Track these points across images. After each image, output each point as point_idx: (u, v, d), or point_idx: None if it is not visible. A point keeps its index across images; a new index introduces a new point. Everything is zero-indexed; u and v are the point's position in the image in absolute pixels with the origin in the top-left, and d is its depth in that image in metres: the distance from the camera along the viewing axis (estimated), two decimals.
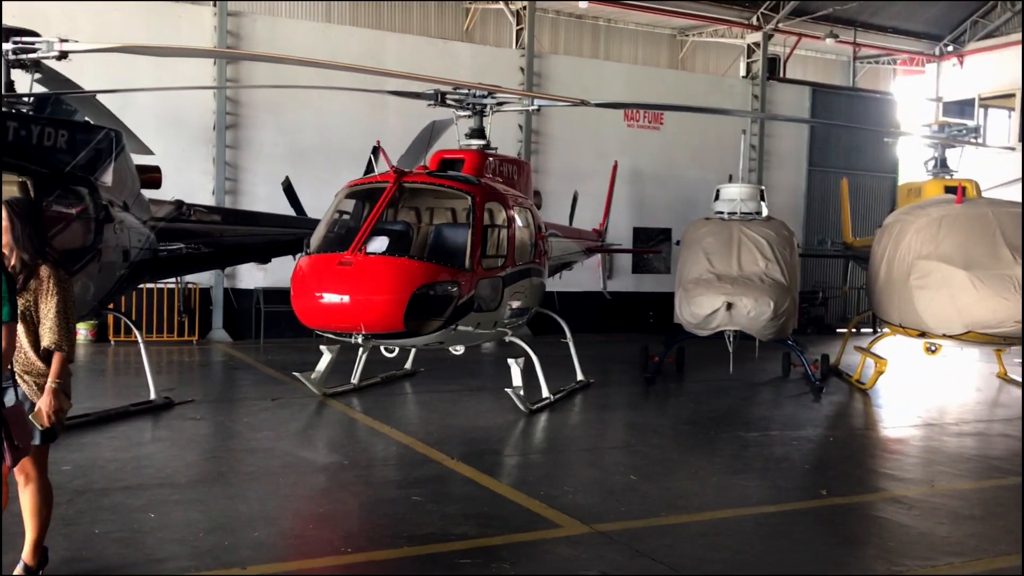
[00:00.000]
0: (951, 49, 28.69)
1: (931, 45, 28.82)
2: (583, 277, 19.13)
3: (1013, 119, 27.35)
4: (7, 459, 4.70)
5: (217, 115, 18.53)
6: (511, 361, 11.53)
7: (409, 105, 12.79)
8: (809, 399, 13.48)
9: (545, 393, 12.00)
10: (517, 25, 22.22)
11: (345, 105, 18.78)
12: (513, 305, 11.77)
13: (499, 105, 12.54)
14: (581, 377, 13.76)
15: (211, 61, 18.29)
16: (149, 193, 11.57)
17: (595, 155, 21.61)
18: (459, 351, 11.44)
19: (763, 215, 15.25)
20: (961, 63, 28.63)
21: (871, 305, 14.99)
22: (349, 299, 9.76)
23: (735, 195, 15.34)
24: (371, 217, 10.47)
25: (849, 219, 20.13)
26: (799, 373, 14.96)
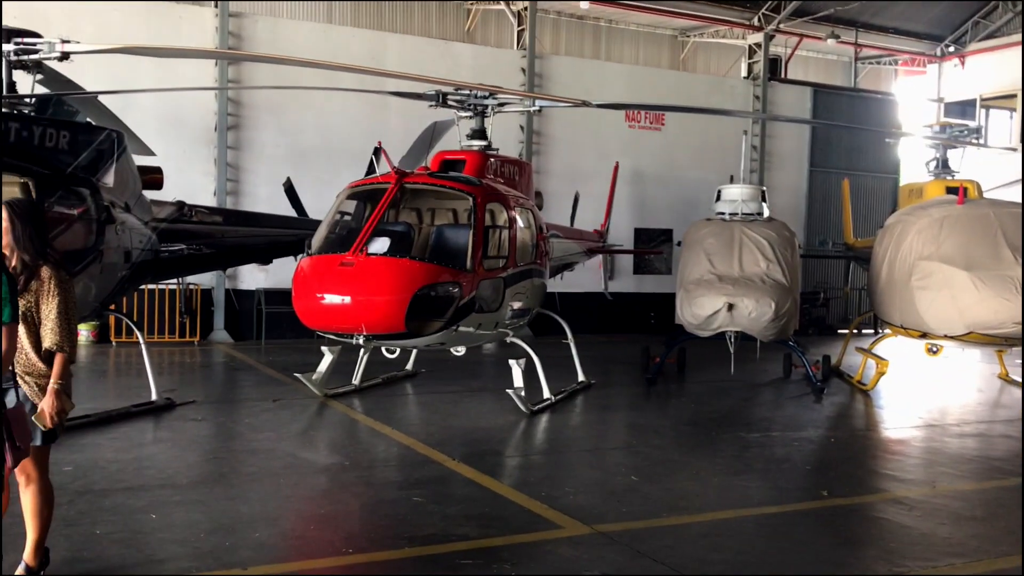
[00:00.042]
0: (952, 50, 28.68)
1: (932, 46, 28.81)
2: (584, 278, 19.12)
3: (1014, 120, 27.32)
4: (8, 460, 4.70)
5: (218, 116, 18.54)
6: (512, 362, 11.53)
7: (410, 106, 12.79)
8: (810, 400, 13.47)
9: (546, 394, 11.99)
10: (518, 26, 22.22)
11: (346, 106, 18.80)
12: (514, 306, 11.77)
13: (500, 106, 12.55)
14: (582, 378, 13.75)
15: (212, 62, 18.30)
16: (151, 194, 11.59)
17: (596, 156, 21.61)
18: (460, 352, 11.43)
19: (764, 216, 15.24)
20: (962, 64, 28.62)
21: (872, 306, 14.99)
22: (350, 300, 9.77)
23: (736, 196, 15.34)
24: (372, 218, 10.47)
25: (850, 220, 20.13)
26: (800, 374, 14.95)
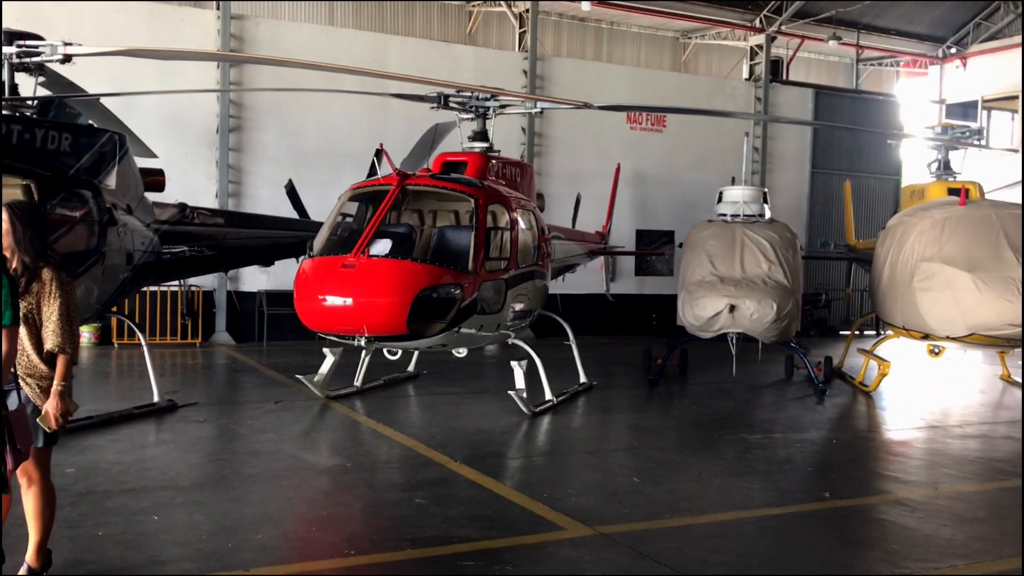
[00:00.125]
0: (954, 51, 28.67)
1: (934, 47, 28.80)
2: (586, 279, 19.12)
3: (1016, 121, 27.31)
4: (9, 463, 4.70)
5: (220, 118, 18.57)
6: (514, 363, 11.53)
7: (412, 108, 12.80)
8: (812, 401, 13.46)
9: (548, 395, 11.98)
10: (520, 28, 22.24)
11: (348, 108, 18.84)
12: (516, 307, 11.77)
13: (502, 108, 12.55)
14: (584, 379, 13.75)
15: (214, 64, 18.33)
16: (153, 196, 11.60)
17: (598, 157, 21.60)
18: (462, 354, 11.44)
19: (766, 217, 15.24)
20: (964, 65, 28.61)
21: (874, 307, 14.98)
22: (352, 302, 9.77)
23: (738, 197, 15.34)
24: (374, 220, 10.47)
25: (852, 221, 20.12)
26: (802, 375, 14.95)
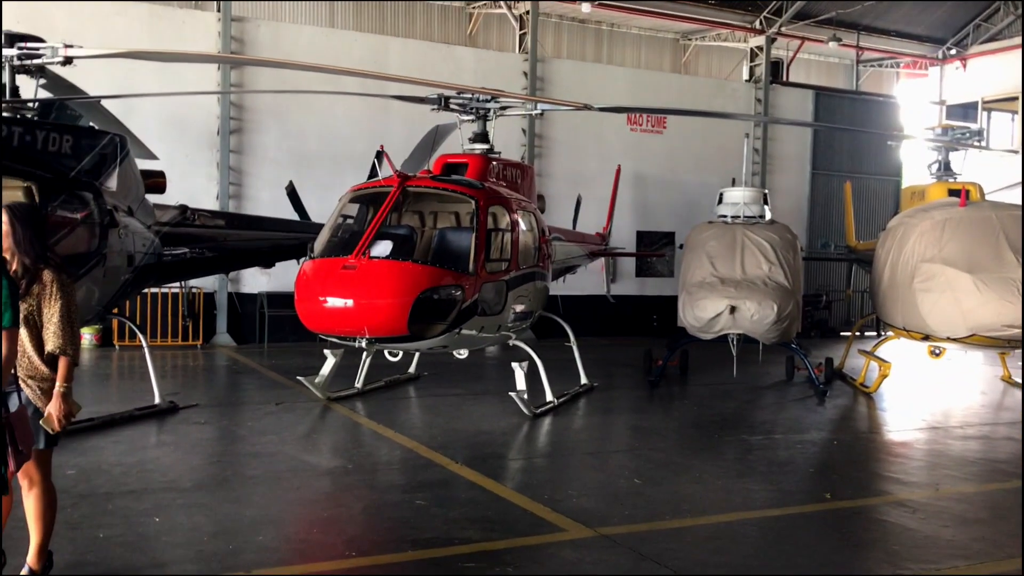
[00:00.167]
0: (954, 52, 28.67)
1: (934, 48, 28.80)
2: (587, 281, 19.13)
3: (1016, 122, 27.32)
4: (10, 464, 4.70)
5: (221, 120, 18.58)
6: (515, 365, 11.53)
7: (413, 109, 12.80)
8: (813, 402, 13.46)
9: (549, 397, 11.98)
10: (520, 29, 22.25)
11: (349, 109, 18.85)
12: (517, 309, 11.78)
13: (502, 109, 12.56)
14: (585, 381, 13.75)
15: (215, 66, 18.34)
16: (153, 198, 11.61)
17: (598, 159, 21.62)
18: (463, 355, 11.44)
19: (766, 218, 15.25)
20: (964, 66, 28.61)
21: (875, 308, 14.98)
22: (353, 303, 9.77)
23: (738, 199, 15.34)
24: (375, 221, 10.49)
25: (852, 222, 20.13)
26: (803, 376, 14.95)
